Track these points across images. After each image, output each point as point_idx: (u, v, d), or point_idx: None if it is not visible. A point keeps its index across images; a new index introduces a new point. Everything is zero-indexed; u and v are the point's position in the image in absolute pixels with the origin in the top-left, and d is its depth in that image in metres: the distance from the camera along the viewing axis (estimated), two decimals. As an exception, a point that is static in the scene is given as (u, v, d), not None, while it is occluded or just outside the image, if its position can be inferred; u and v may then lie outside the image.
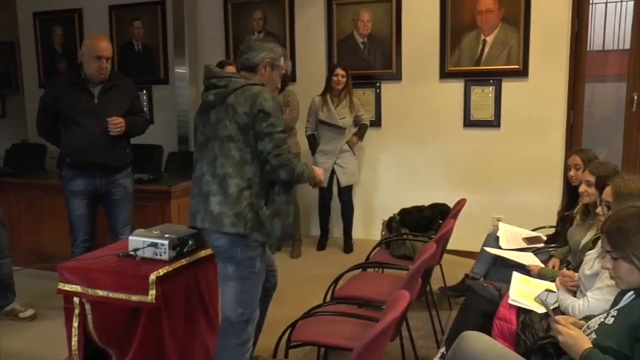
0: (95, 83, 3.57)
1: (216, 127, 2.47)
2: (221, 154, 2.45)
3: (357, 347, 1.83)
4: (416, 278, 2.69)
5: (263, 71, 2.55)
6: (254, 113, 2.39)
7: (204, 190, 2.49)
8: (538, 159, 4.83)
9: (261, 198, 2.47)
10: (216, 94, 2.48)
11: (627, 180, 2.35)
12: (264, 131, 2.40)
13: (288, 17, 5.46)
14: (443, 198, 4.52)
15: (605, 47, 7.68)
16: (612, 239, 1.86)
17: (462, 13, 4.87)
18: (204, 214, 2.47)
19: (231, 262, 2.48)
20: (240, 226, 2.40)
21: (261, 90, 2.44)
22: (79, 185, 3.65)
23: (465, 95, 4.97)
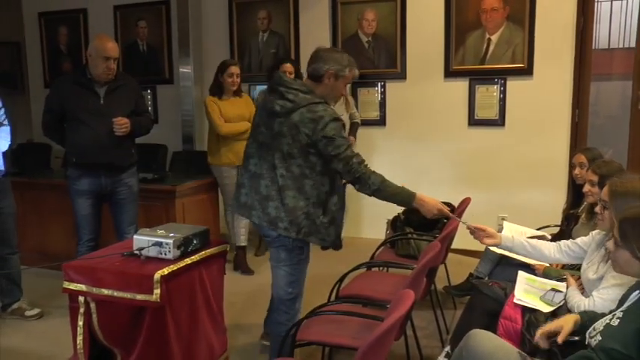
0: (101, 83, 3.59)
1: (279, 139, 2.64)
2: (281, 166, 2.65)
3: (362, 346, 1.83)
4: (420, 277, 2.69)
5: (327, 81, 2.71)
6: (317, 139, 2.59)
7: (264, 192, 2.70)
8: (543, 158, 4.82)
9: (319, 207, 2.68)
10: (282, 106, 2.64)
11: (624, 179, 2.34)
12: (331, 154, 2.62)
13: (292, 16, 5.46)
14: (447, 197, 4.47)
15: (611, 45, 7.65)
16: (623, 229, 1.88)
17: (466, 12, 4.86)
18: (262, 214, 2.71)
19: (283, 249, 2.76)
20: (292, 232, 2.66)
21: (323, 112, 2.61)
22: (85, 185, 3.66)
23: (469, 94, 4.96)
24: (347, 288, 3.06)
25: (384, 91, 5.27)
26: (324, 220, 2.70)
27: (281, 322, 2.82)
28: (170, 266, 2.59)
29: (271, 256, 2.86)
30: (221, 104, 4.49)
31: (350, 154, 2.64)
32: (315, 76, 2.72)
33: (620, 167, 2.87)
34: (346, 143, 2.66)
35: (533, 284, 2.72)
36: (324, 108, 2.65)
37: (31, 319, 3.75)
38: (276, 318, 2.88)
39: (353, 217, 5.47)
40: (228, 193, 4.68)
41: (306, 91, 2.67)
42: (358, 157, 2.68)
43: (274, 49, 5.55)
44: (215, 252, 2.93)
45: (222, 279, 3.06)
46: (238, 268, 4.65)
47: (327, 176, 2.70)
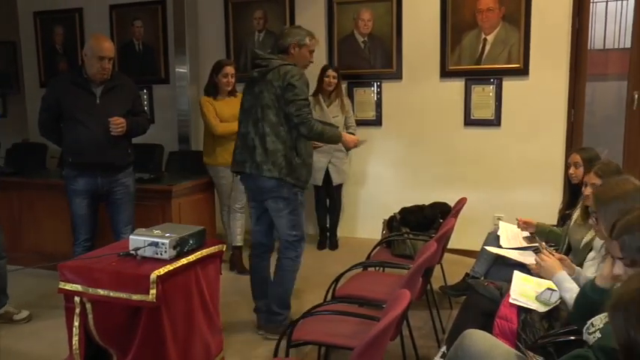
0: (97, 83, 3.58)
1: (259, 97, 3.24)
2: (262, 118, 3.22)
3: (358, 346, 1.83)
4: (416, 277, 2.69)
5: (293, 51, 3.32)
6: (284, 86, 3.15)
7: (250, 144, 3.28)
8: (539, 158, 4.83)
9: (293, 150, 3.23)
10: (259, 72, 3.25)
11: (606, 185, 2.35)
12: (290, 98, 3.16)
13: (288, 16, 5.46)
14: (444, 197, 4.52)
15: (606, 46, 7.67)
16: (624, 244, 1.79)
17: (462, 12, 4.87)
18: (251, 163, 3.27)
19: (280, 199, 3.28)
20: (275, 172, 3.21)
21: (291, 68, 3.19)
22: (81, 185, 3.65)
23: (465, 94, 4.96)
24: (343, 288, 3.06)
25: (380, 91, 5.27)
26: (299, 161, 3.26)
27: (291, 257, 3.42)
28: (166, 266, 2.59)
29: (271, 209, 3.35)
30: (216, 104, 4.49)
31: (304, 102, 3.18)
32: (283, 49, 3.33)
33: (617, 169, 2.88)
34: (304, 95, 3.18)
35: (529, 284, 2.72)
36: (292, 67, 3.21)
37: (21, 322, 3.72)
38: (285, 256, 3.41)
39: (349, 217, 5.48)
40: (224, 193, 4.68)
41: (278, 59, 3.26)
42: (309, 110, 3.22)
43: (270, 49, 5.53)
44: (211, 252, 2.92)
45: (219, 279, 3.06)
46: (234, 268, 4.65)
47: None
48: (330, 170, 5.04)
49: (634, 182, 2.33)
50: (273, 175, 3.20)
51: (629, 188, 2.26)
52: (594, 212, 2.37)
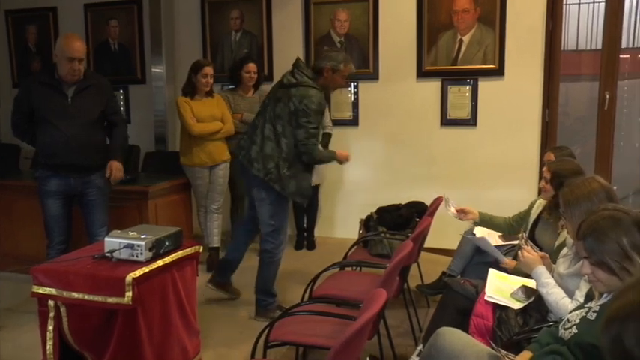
0: (69, 84, 3.54)
1: (277, 103, 3.49)
2: (270, 123, 3.48)
3: (335, 346, 1.83)
4: (393, 276, 2.71)
5: (326, 74, 3.52)
6: (300, 107, 3.38)
7: (254, 138, 3.54)
8: (514, 157, 4.89)
9: (286, 163, 3.45)
10: (289, 80, 3.50)
11: (573, 186, 2.39)
12: (301, 124, 3.40)
13: (265, 16, 5.45)
14: (420, 196, 4.55)
15: (579, 47, 7.79)
16: (589, 245, 1.83)
17: (438, 13, 4.91)
18: (246, 153, 3.54)
19: (265, 188, 3.50)
20: (261, 173, 3.45)
21: (313, 93, 3.41)
22: (53, 186, 3.61)
23: (441, 94, 5.00)
24: (320, 288, 3.07)
25: (357, 92, 5.29)
26: (287, 174, 3.46)
27: (267, 249, 3.60)
28: (142, 268, 2.57)
29: (255, 197, 3.61)
30: (193, 104, 4.46)
31: (314, 132, 3.44)
32: (317, 69, 3.54)
33: (575, 169, 2.91)
34: (316, 124, 3.44)
35: (504, 282, 2.76)
36: (316, 93, 3.43)
37: None
38: (265, 246, 3.61)
39: (326, 217, 5.49)
40: (200, 194, 4.65)
41: (311, 77, 3.48)
42: (316, 140, 3.50)
43: (247, 49, 5.53)
44: (188, 253, 2.91)
45: (195, 280, 3.05)
46: (212, 269, 4.61)
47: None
48: (308, 170, 5.02)
49: (599, 181, 2.37)
50: (259, 174, 3.47)
51: (594, 187, 2.30)
52: (563, 213, 2.41)
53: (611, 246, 1.77)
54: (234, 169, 4.78)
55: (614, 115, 4.80)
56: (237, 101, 4.82)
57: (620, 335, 1.08)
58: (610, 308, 1.15)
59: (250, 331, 2.78)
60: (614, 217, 1.81)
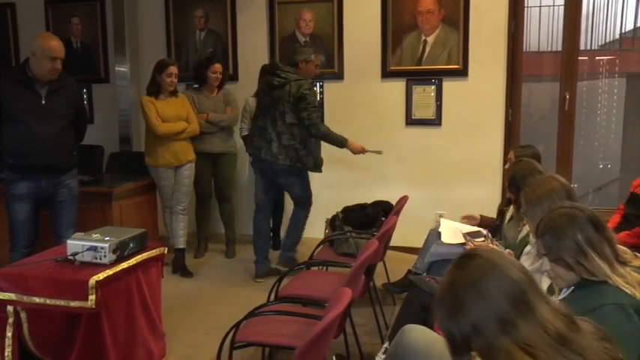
0: (42, 83, 3.47)
1: (277, 102, 4.17)
2: (280, 119, 4.17)
3: (300, 346, 1.84)
4: (358, 275, 2.73)
5: (301, 66, 4.25)
6: (298, 96, 4.10)
7: (267, 137, 4.21)
8: (479, 156, 4.96)
9: (301, 145, 4.21)
10: (278, 81, 4.17)
11: (534, 185, 2.45)
12: (303, 106, 4.12)
13: (229, 15, 5.41)
14: (386, 195, 4.59)
15: (541, 48, 7.96)
16: (547, 243, 1.87)
17: (403, 14, 4.95)
18: (267, 151, 4.22)
19: (292, 173, 4.30)
20: (287, 161, 4.21)
21: (304, 82, 4.15)
22: (23, 188, 3.51)
23: (406, 94, 5.05)
24: (286, 288, 3.06)
25: (322, 91, 5.30)
26: (304, 152, 4.24)
27: (305, 210, 4.54)
28: (106, 271, 2.55)
29: (284, 185, 4.47)
30: (158, 104, 4.41)
31: (313, 109, 4.16)
32: (294, 64, 4.26)
33: (530, 170, 2.99)
34: (314, 103, 4.19)
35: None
36: (306, 82, 4.18)
37: None
38: (302, 210, 4.54)
39: (293, 217, 5.49)
40: (165, 195, 4.60)
41: (293, 72, 4.19)
42: (317, 113, 4.31)
43: (212, 48, 5.49)
44: (152, 255, 2.89)
45: (160, 282, 3.03)
46: (177, 271, 4.58)
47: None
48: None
49: (559, 180, 2.43)
50: (285, 163, 4.20)
51: (555, 186, 2.36)
52: (525, 212, 2.47)
53: (568, 243, 1.80)
54: (200, 169, 4.75)
55: (574, 115, 4.92)
56: (201, 101, 4.78)
57: (442, 313, 1.42)
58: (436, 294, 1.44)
59: (216, 332, 2.76)
60: (569, 215, 1.86)
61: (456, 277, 1.39)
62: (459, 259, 1.43)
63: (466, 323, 1.33)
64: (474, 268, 1.38)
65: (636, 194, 3.58)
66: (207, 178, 4.96)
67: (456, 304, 1.36)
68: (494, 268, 1.37)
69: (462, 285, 1.37)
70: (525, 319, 1.31)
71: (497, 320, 1.31)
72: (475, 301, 1.33)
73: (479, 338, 1.32)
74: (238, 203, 5.39)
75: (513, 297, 1.32)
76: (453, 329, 1.35)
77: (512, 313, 1.31)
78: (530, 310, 1.32)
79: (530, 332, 1.30)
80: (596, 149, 9.38)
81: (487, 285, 1.34)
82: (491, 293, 1.33)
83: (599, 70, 8.72)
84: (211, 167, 4.93)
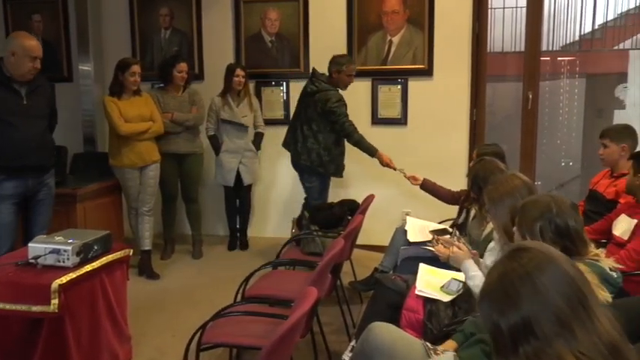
0: (21, 82, 3.43)
1: (307, 108, 4.50)
2: (306, 123, 4.49)
3: (266, 346, 1.85)
4: (325, 274, 2.74)
5: (335, 76, 4.46)
6: (326, 110, 4.38)
7: (295, 137, 4.57)
8: (444, 154, 5.03)
9: (326, 150, 4.47)
10: (312, 89, 4.46)
11: (497, 184, 2.51)
12: (333, 120, 4.40)
13: (195, 14, 5.37)
14: (352, 194, 4.62)
15: (504, 49, 8.11)
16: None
17: (368, 14, 4.99)
18: (293, 149, 4.60)
19: (313, 173, 4.56)
20: (307, 162, 4.50)
21: (332, 95, 4.39)
22: (9, 189, 3.45)
23: (372, 94, 5.10)
24: (253, 288, 3.06)
25: (288, 91, 5.30)
26: (327, 159, 4.49)
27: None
28: (69, 274, 2.51)
29: (304, 181, 4.65)
30: (120, 104, 4.35)
31: (343, 120, 4.39)
32: (329, 74, 4.48)
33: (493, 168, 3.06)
34: (343, 114, 4.40)
35: (434, 276, 2.83)
36: (334, 94, 4.39)
37: None
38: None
39: (259, 217, 5.49)
40: (131, 196, 4.55)
41: (326, 81, 4.44)
42: (349, 122, 4.43)
43: (177, 47, 5.44)
44: (117, 257, 2.86)
45: (126, 285, 3.00)
46: (143, 273, 4.53)
47: (333, 133, 4.48)
48: (241, 170, 5.01)
49: (521, 177, 2.49)
50: (306, 163, 4.50)
51: (517, 184, 2.42)
52: (488, 210, 2.52)
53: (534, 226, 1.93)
54: (165, 170, 4.71)
55: (537, 114, 5.03)
56: (167, 100, 4.73)
57: (488, 307, 1.25)
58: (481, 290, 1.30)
59: (183, 334, 2.73)
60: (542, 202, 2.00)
61: (508, 268, 1.28)
62: (511, 251, 1.32)
63: (517, 317, 1.22)
64: (528, 259, 1.27)
65: (595, 191, 3.65)
66: (173, 179, 4.92)
67: (507, 296, 1.24)
68: (550, 261, 1.26)
69: (515, 277, 1.25)
70: (583, 323, 1.20)
71: (553, 320, 1.20)
72: (530, 296, 1.22)
73: (530, 338, 1.21)
74: (205, 204, 5.35)
75: (570, 296, 1.22)
76: (502, 323, 1.24)
77: (570, 314, 1.20)
78: (587, 314, 1.21)
79: (586, 339, 1.19)
80: (559, 147, 9.60)
81: (543, 279, 1.23)
82: (547, 288, 1.22)
83: (560, 71, 8.93)
84: (177, 167, 4.89)
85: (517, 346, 1.21)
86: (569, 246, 1.94)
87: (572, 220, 1.97)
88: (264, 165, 5.40)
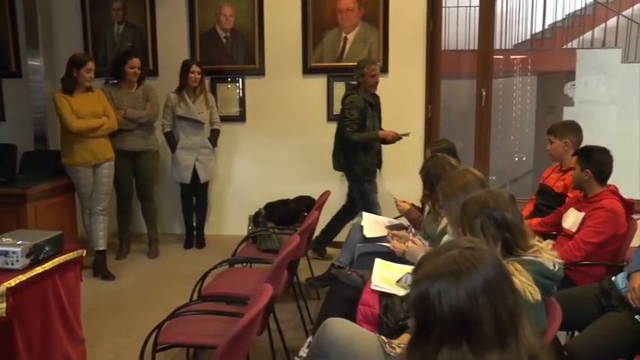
0: None
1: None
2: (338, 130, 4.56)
3: (221, 345, 1.84)
4: (281, 271, 2.75)
5: (360, 79, 4.46)
6: (340, 112, 4.49)
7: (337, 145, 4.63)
8: (400, 150, 5.06)
9: (350, 153, 4.45)
10: (344, 94, 4.54)
11: (450, 179, 2.56)
12: (343, 121, 4.40)
13: (148, 9, 5.29)
14: (309, 191, 4.64)
15: (459, 47, 8.25)
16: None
17: (323, 11, 5.01)
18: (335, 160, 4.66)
19: (349, 178, 4.60)
20: (338, 167, 4.60)
21: (351, 99, 4.41)
22: None
23: (328, 90, 5.13)
24: (209, 286, 3.05)
25: (244, 87, 5.28)
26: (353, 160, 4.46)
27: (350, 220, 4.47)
28: (18, 277, 2.44)
29: (354, 190, 4.61)
30: (72, 100, 4.25)
31: (350, 123, 4.36)
32: (356, 80, 4.50)
33: (445, 164, 3.12)
34: (350, 117, 4.36)
35: (390, 270, 2.86)
36: (352, 97, 4.41)
37: None
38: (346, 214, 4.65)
39: (216, 214, 5.46)
40: (84, 195, 4.45)
41: (352, 86, 4.51)
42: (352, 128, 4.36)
43: (130, 42, 5.34)
44: (70, 258, 2.79)
45: (79, 286, 2.93)
46: (98, 274, 4.44)
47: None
48: (198, 168, 4.97)
49: (473, 173, 2.55)
50: (336, 168, 4.60)
51: (469, 179, 2.48)
52: (442, 206, 2.57)
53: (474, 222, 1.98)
54: (120, 168, 4.63)
55: (491, 110, 5.15)
56: (120, 97, 4.65)
57: (426, 290, 1.26)
58: (420, 271, 1.33)
59: (139, 335, 2.69)
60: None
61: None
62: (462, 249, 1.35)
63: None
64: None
65: (545, 185, 3.77)
66: (128, 177, 4.84)
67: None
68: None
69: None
70: (515, 335, 1.28)
71: (493, 327, 1.25)
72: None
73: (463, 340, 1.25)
74: (161, 202, 5.29)
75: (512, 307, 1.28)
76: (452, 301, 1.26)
77: (509, 325, 1.26)
78: (519, 326, 1.29)
79: (514, 352, 1.26)
80: (512, 143, 9.81)
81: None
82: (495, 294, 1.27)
83: (513, 69, 9.13)
84: (132, 165, 4.81)
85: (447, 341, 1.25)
86: (510, 238, 2.00)
87: (509, 214, 2.02)
88: (220, 162, 5.37)
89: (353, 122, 4.36)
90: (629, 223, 3.07)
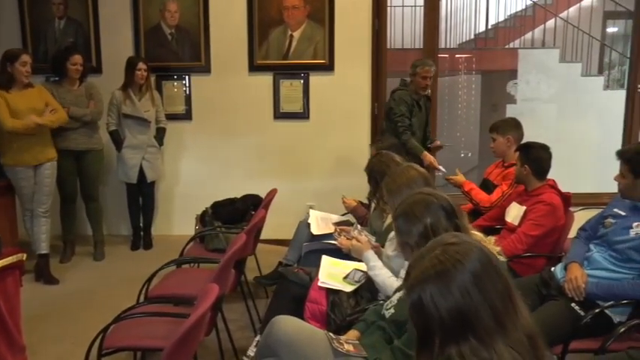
0: None
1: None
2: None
3: (167, 346, 1.83)
4: (228, 270, 2.74)
5: (411, 79, 4.53)
6: (389, 106, 4.54)
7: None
8: (347, 148, 5.14)
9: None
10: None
11: (394, 176, 2.62)
12: (390, 117, 4.49)
13: (91, 3, 5.12)
14: (256, 189, 4.61)
15: (405, 46, 8.39)
16: (399, 226, 2.02)
17: (269, 8, 5.00)
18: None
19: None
20: None
21: (398, 94, 4.50)
22: None
23: (274, 88, 5.12)
24: (156, 288, 3.00)
25: (190, 85, 5.21)
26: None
27: None
28: (-48, 282, 2.35)
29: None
30: (9, 97, 4.07)
31: (398, 119, 4.41)
32: (410, 73, 4.54)
33: (388, 161, 3.20)
34: (399, 113, 4.42)
35: (337, 267, 2.90)
36: (399, 94, 4.50)
37: None
38: None
39: (163, 214, 5.38)
40: (25, 196, 4.31)
41: (402, 86, 4.58)
42: (404, 123, 4.41)
43: (72, 38, 5.18)
44: (8, 263, 2.70)
45: (19, 292, 2.84)
46: (41, 278, 4.30)
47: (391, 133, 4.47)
48: (144, 167, 4.89)
49: (417, 169, 2.61)
50: None
51: (413, 175, 2.54)
52: (387, 202, 2.62)
53: (417, 227, 1.95)
54: (63, 168, 4.50)
55: (437, 108, 5.26)
56: (62, 95, 4.51)
57: (419, 297, 1.26)
58: (410, 278, 1.32)
59: (84, 341, 2.61)
60: (424, 201, 2.01)
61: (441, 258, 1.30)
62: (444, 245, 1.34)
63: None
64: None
65: (488, 180, 3.90)
66: (72, 177, 4.71)
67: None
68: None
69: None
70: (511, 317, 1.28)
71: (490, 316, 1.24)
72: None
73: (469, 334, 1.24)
74: (106, 202, 5.18)
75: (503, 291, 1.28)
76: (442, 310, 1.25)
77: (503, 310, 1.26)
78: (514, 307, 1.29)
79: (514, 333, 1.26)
80: (458, 139, 10.05)
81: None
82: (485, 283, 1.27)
83: (458, 68, 9.34)
84: (75, 165, 4.69)
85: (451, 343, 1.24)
86: (459, 223, 2.00)
87: (448, 199, 2.04)
88: (166, 161, 5.29)
89: (404, 117, 4.43)
90: (567, 216, 3.20)
